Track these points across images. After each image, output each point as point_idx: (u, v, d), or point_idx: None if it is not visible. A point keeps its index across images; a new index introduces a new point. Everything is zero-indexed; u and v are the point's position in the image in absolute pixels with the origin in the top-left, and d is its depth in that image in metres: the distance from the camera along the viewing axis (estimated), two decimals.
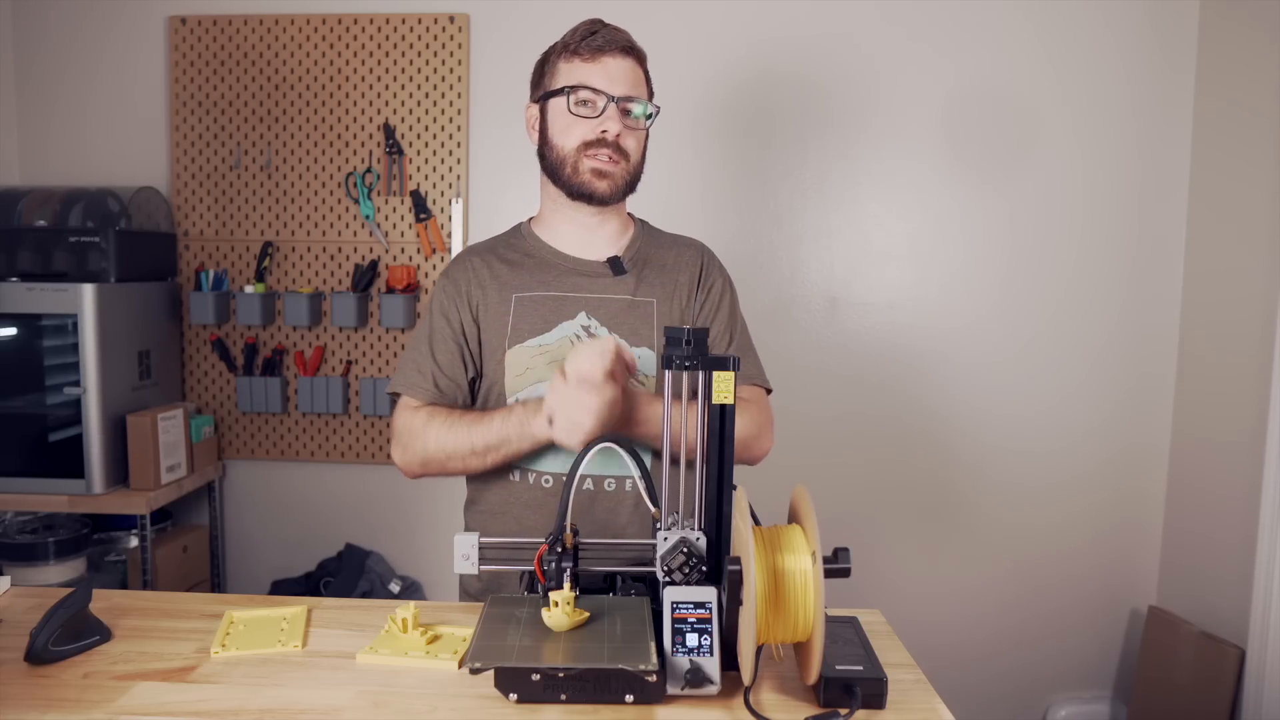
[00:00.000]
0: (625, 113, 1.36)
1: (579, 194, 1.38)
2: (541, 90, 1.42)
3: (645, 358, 1.38)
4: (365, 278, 2.50)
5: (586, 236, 1.43)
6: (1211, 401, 2.35)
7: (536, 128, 1.43)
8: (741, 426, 1.31)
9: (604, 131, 1.35)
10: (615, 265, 1.42)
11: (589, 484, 1.36)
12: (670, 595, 1.02)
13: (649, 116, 1.39)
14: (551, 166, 1.40)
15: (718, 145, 2.49)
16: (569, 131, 1.37)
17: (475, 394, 1.43)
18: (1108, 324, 2.49)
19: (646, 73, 1.42)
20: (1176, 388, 2.48)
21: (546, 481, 1.37)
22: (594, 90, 1.35)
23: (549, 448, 1.32)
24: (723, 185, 2.50)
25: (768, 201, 2.50)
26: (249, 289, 2.50)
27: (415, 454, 1.35)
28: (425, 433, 1.33)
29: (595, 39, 1.36)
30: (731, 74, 2.47)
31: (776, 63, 2.46)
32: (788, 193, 2.49)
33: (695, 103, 2.48)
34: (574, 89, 1.35)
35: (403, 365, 1.44)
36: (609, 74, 1.35)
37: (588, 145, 1.36)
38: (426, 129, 2.51)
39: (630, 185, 1.41)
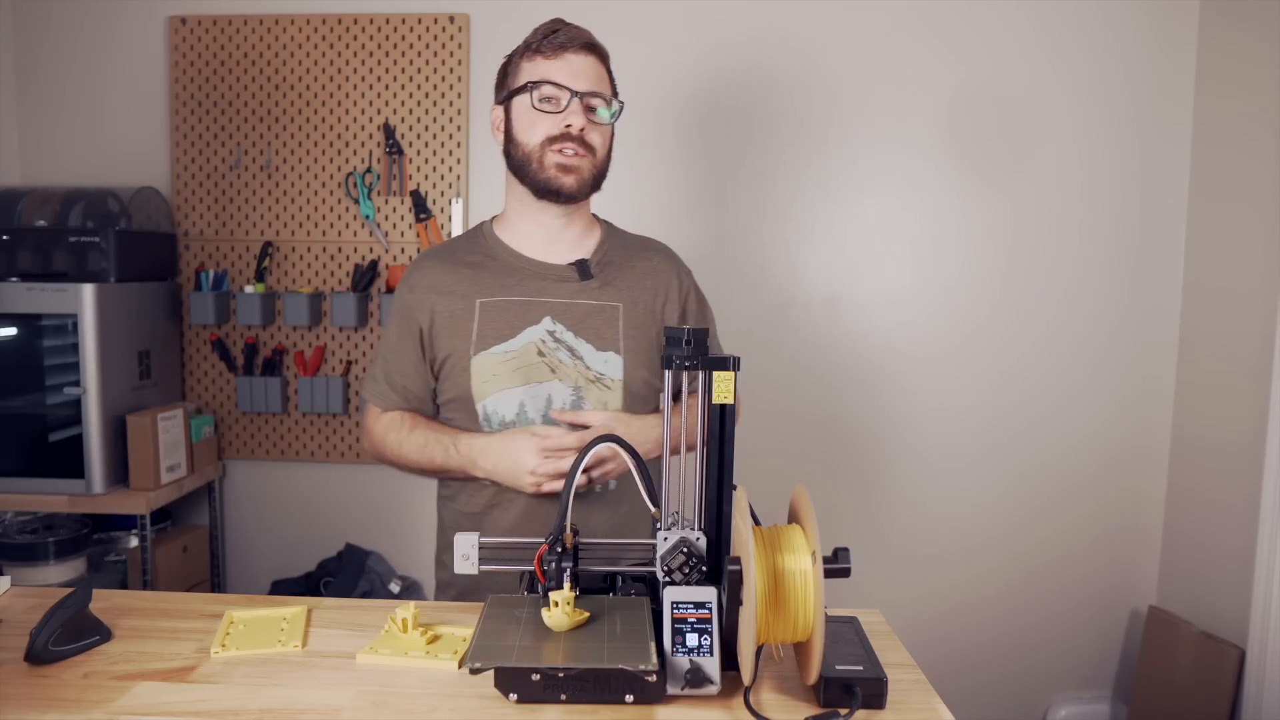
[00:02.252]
0: (590, 109, 1.35)
1: (545, 190, 1.37)
2: (505, 91, 1.41)
3: (612, 362, 1.38)
4: (365, 278, 2.50)
5: (550, 239, 1.42)
6: (1211, 401, 2.34)
7: (501, 129, 1.42)
8: None
9: (568, 126, 1.34)
10: (582, 269, 1.40)
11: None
12: (670, 595, 1.03)
13: (613, 114, 1.38)
14: (517, 164, 1.39)
15: (718, 144, 2.49)
16: (533, 127, 1.35)
17: (439, 398, 1.45)
18: (1108, 325, 2.48)
19: (610, 72, 1.41)
20: (1176, 388, 2.48)
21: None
22: (557, 85, 1.34)
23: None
24: (723, 185, 2.50)
25: (768, 201, 2.50)
26: (249, 289, 2.50)
27: (372, 454, 1.47)
28: (383, 441, 1.43)
29: (557, 37, 1.35)
30: (732, 73, 2.47)
31: (777, 62, 2.46)
32: (788, 192, 2.49)
33: (696, 103, 2.48)
34: (537, 85, 1.34)
35: (370, 371, 1.48)
36: (572, 70, 1.34)
37: (552, 140, 1.34)
38: (426, 129, 2.51)
39: (596, 182, 1.39)
